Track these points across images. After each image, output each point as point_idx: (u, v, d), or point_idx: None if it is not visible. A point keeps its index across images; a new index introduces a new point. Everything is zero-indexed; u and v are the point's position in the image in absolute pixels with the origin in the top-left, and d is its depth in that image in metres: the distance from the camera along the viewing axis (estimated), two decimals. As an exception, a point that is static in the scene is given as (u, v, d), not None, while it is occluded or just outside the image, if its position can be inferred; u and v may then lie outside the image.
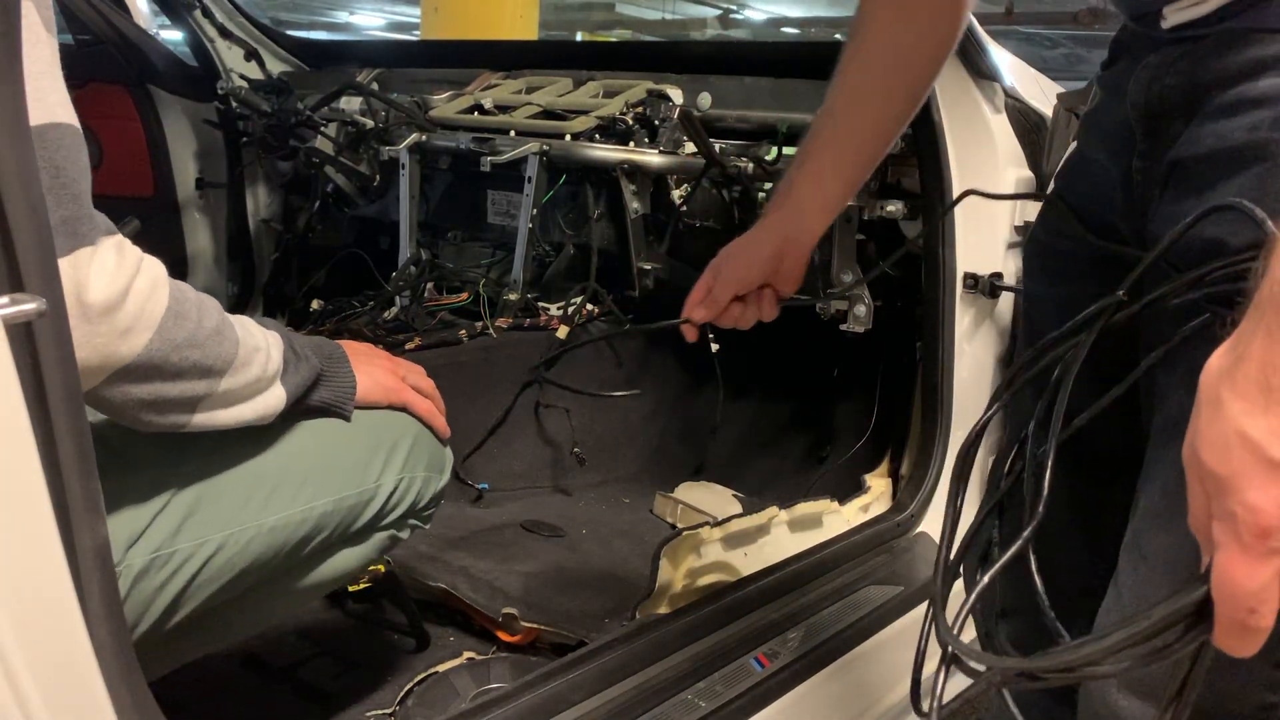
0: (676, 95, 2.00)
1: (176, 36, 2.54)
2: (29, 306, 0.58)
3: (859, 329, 1.76)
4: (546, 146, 1.98)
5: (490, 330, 1.98)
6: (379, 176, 2.39)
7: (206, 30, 2.44)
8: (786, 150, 1.82)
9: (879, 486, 1.79)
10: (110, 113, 2.44)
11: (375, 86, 2.42)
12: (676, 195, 2.00)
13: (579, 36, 11.24)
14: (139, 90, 2.43)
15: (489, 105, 2.24)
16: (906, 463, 1.78)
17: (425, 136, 2.19)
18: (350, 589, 1.43)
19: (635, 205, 1.99)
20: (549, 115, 2.12)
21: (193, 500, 0.86)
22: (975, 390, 1.68)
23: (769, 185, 1.85)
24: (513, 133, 2.07)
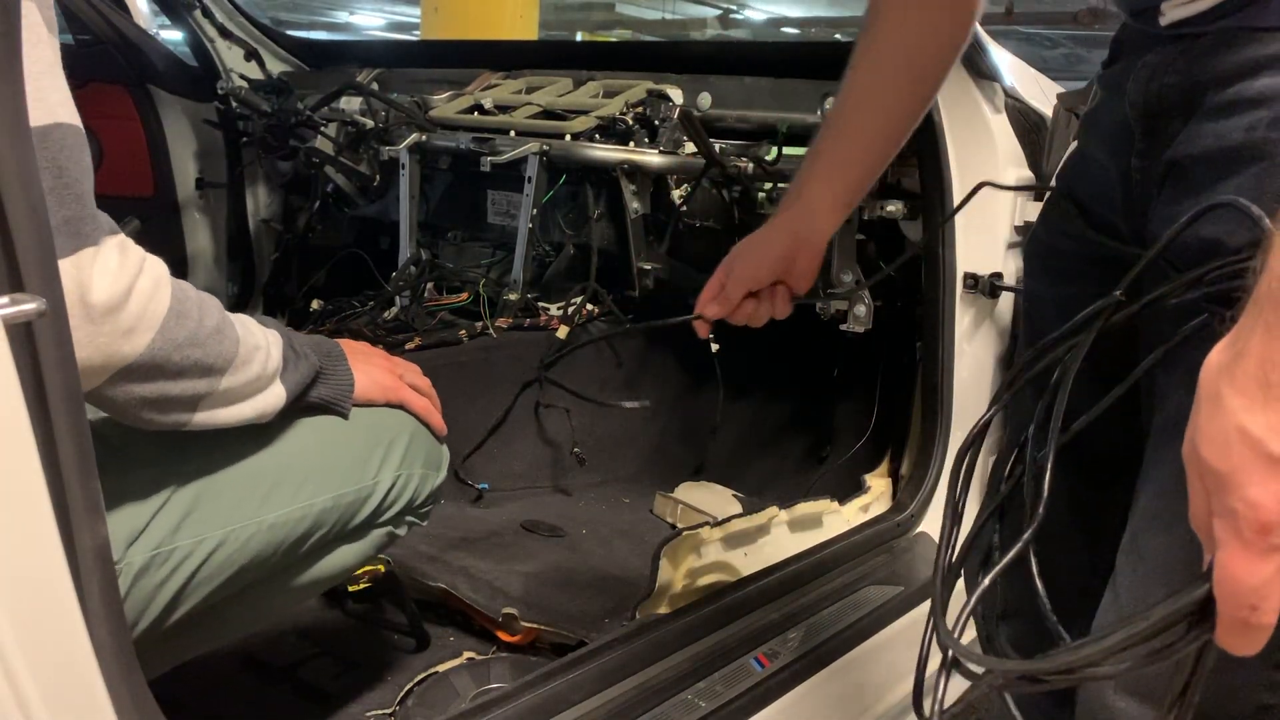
0: (676, 95, 2.00)
1: (176, 36, 2.54)
2: (29, 306, 0.58)
3: (859, 329, 1.76)
4: (546, 146, 1.98)
5: (490, 330, 1.98)
6: (379, 176, 2.39)
7: (206, 30, 2.44)
8: (786, 150, 1.82)
9: (879, 486, 1.79)
10: (110, 113, 2.44)
11: (375, 86, 2.42)
12: (676, 195, 2.00)
13: (579, 36, 11.24)
14: (139, 90, 2.43)
15: (489, 105, 2.24)
16: (906, 463, 1.78)
17: (425, 136, 2.19)
18: (350, 589, 1.43)
19: (635, 205, 1.99)
20: (549, 115, 2.12)
21: (193, 497, 0.86)
22: (975, 390, 1.68)
23: (769, 185, 1.85)
24: (513, 133, 2.07)
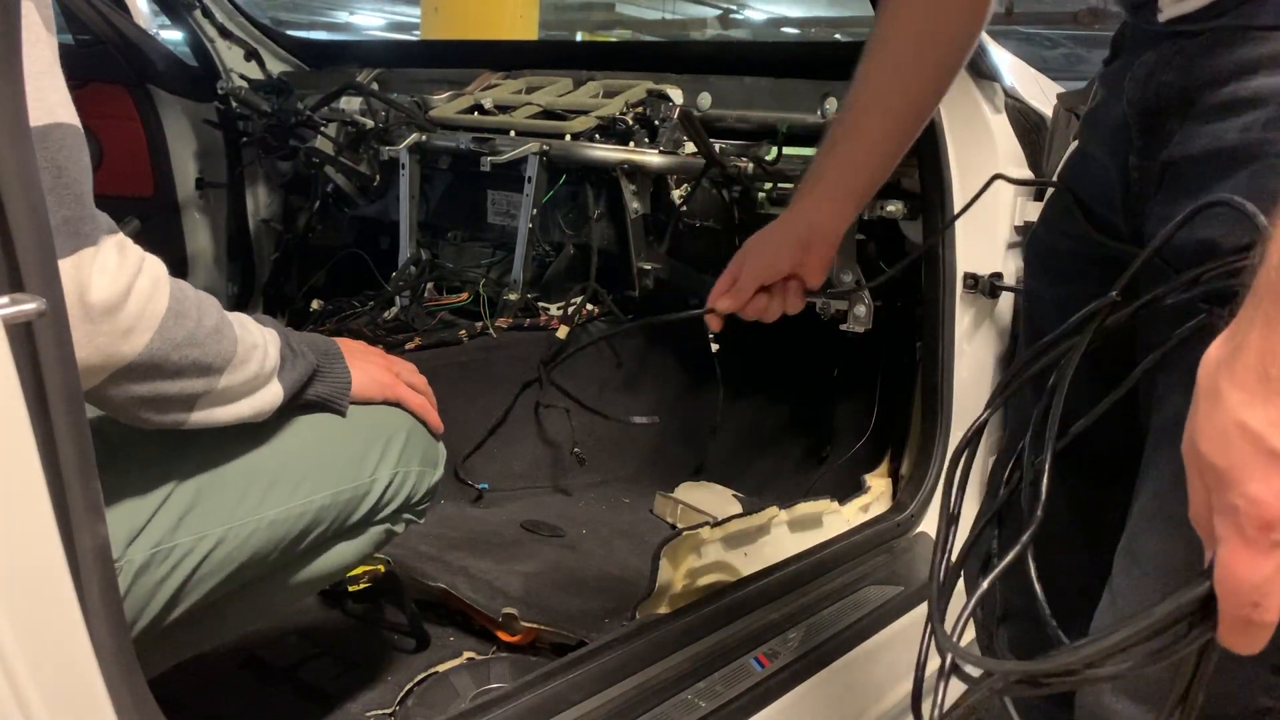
0: (676, 95, 2.00)
1: (176, 36, 2.54)
2: (29, 306, 0.58)
3: (859, 329, 1.76)
4: (546, 146, 1.98)
5: (490, 330, 1.98)
6: (379, 176, 2.39)
7: (206, 30, 2.44)
8: (787, 150, 1.82)
9: (879, 486, 1.79)
10: (110, 113, 2.44)
11: (375, 86, 2.42)
12: (676, 195, 2.00)
13: (579, 36, 11.23)
14: (139, 90, 2.43)
15: (489, 105, 2.24)
16: (906, 463, 1.78)
17: (425, 136, 2.19)
18: (350, 589, 1.43)
19: (635, 205, 1.99)
20: (549, 115, 2.12)
21: (192, 495, 0.86)
22: (975, 390, 1.68)
23: (769, 185, 1.85)
24: (513, 133, 2.07)
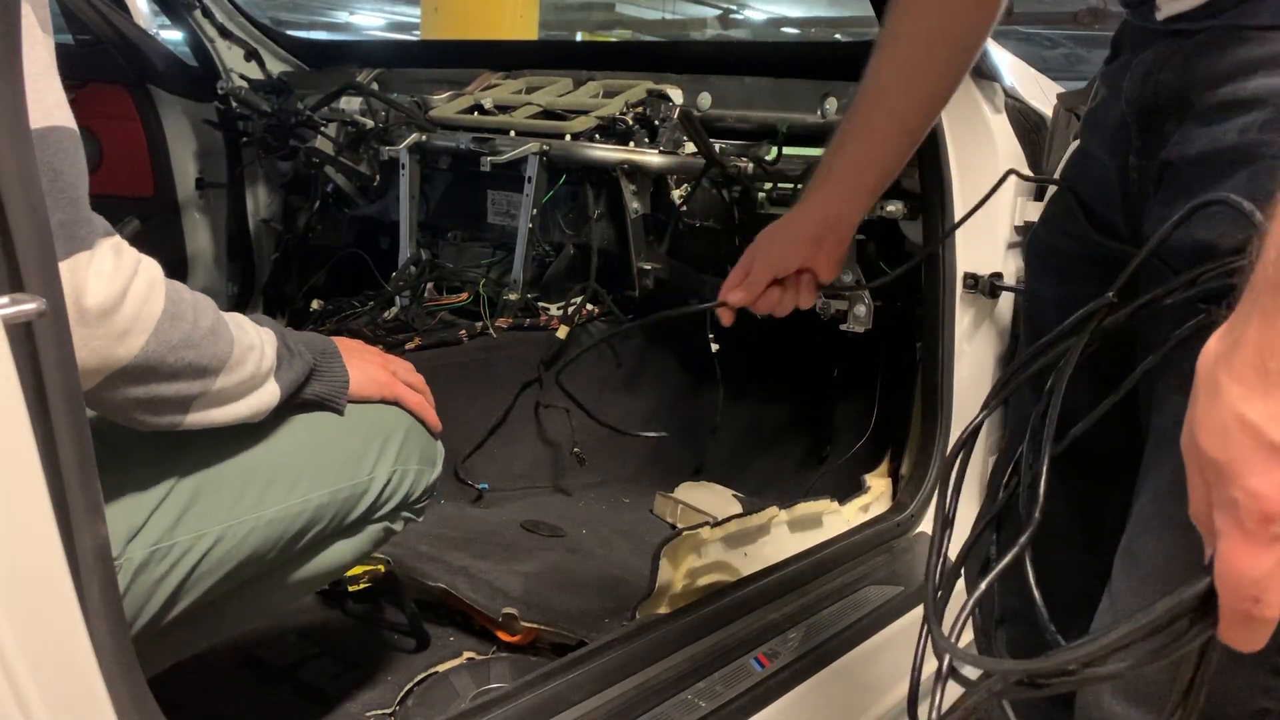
0: (676, 95, 2.00)
1: (176, 36, 2.54)
2: (29, 306, 0.58)
3: (859, 329, 1.76)
4: (546, 146, 1.98)
5: (490, 330, 1.98)
6: (379, 176, 2.39)
7: (206, 30, 2.44)
8: (786, 150, 1.82)
9: (879, 486, 1.79)
10: (110, 113, 2.44)
11: (375, 86, 2.42)
12: (676, 195, 2.00)
13: (579, 36, 11.24)
14: (139, 90, 2.43)
15: (489, 105, 2.24)
16: (906, 463, 1.77)
17: (425, 136, 2.19)
18: (350, 589, 1.43)
19: (635, 205, 1.99)
20: (549, 115, 2.12)
21: (191, 493, 0.86)
22: (975, 390, 1.68)
23: (769, 185, 1.85)
24: (513, 133, 2.07)
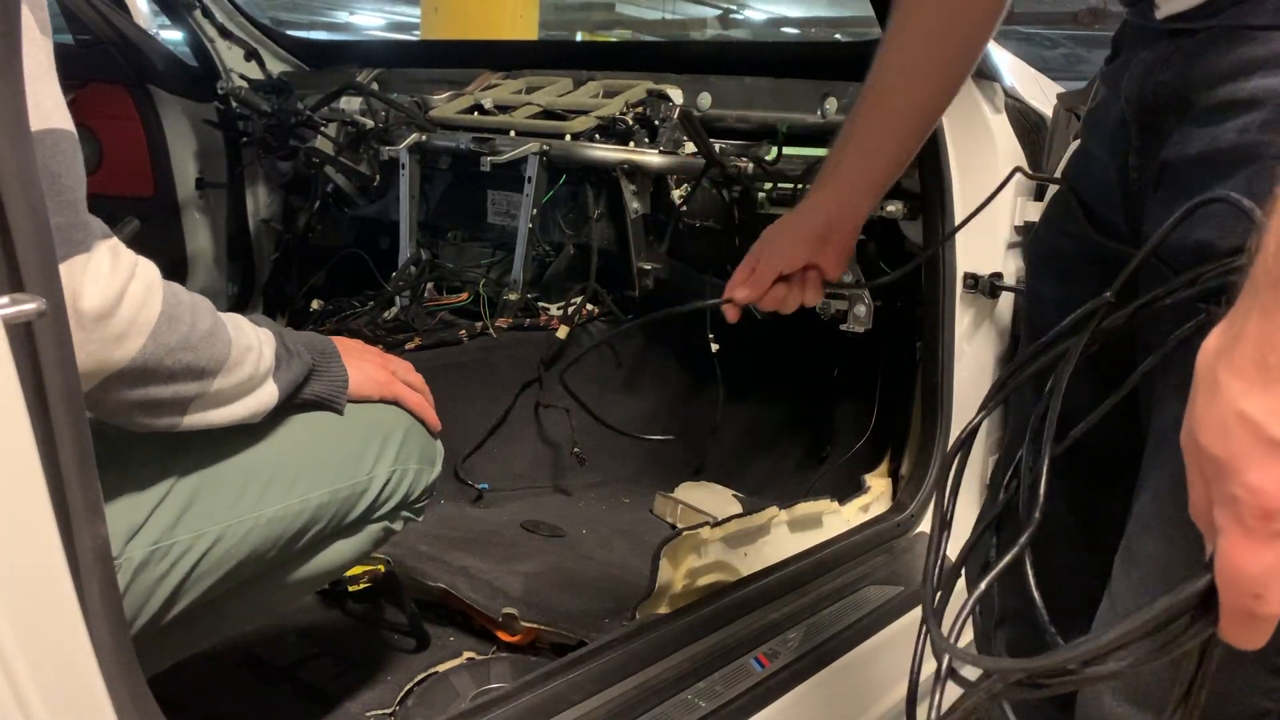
0: (676, 95, 2.00)
1: (176, 36, 2.54)
2: (29, 306, 0.58)
3: (859, 329, 1.76)
4: (546, 146, 1.98)
5: (490, 330, 1.98)
6: (379, 176, 2.39)
7: (206, 30, 2.44)
8: (786, 150, 1.82)
9: (879, 486, 1.79)
10: (110, 113, 2.44)
11: (375, 86, 2.42)
12: (676, 195, 2.00)
13: (579, 36, 11.24)
14: (139, 90, 2.43)
15: (489, 105, 2.24)
16: (906, 463, 1.77)
17: (425, 136, 2.19)
18: (350, 589, 1.43)
19: (635, 205, 1.99)
20: (549, 115, 2.12)
21: (190, 492, 0.86)
22: (975, 390, 1.68)
23: (769, 185, 1.85)
24: (513, 133, 2.07)
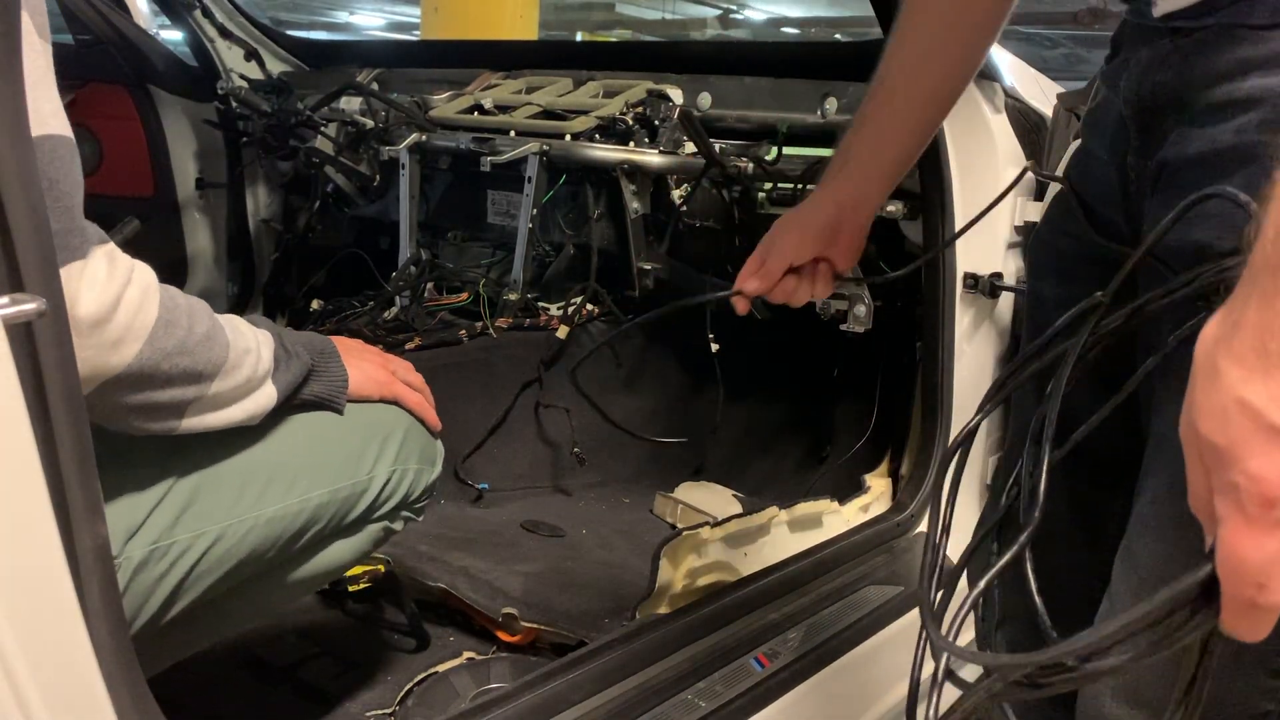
0: (676, 95, 2.00)
1: (176, 36, 2.54)
2: (29, 307, 0.58)
3: (859, 329, 1.76)
4: (546, 146, 1.98)
5: (490, 330, 1.98)
6: (379, 176, 2.39)
7: (206, 30, 2.44)
8: (786, 150, 1.82)
9: (879, 486, 1.79)
10: (110, 113, 2.44)
11: (375, 86, 2.42)
12: (676, 195, 2.00)
13: (579, 36, 11.23)
14: (139, 90, 2.43)
15: (489, 105, 2.24)
16: (906, 463, 1.77)
17: (425, 136, 2.19)
18: (350, 589, 1.43)
19: (635, 205, 1.99)
20: (549, 115, 2.12)
21: (190, 492, 0.86)
22: (975, 390, 1.68)
23: (769, 185, 1.85)
24: (513, 133, 2.07)
